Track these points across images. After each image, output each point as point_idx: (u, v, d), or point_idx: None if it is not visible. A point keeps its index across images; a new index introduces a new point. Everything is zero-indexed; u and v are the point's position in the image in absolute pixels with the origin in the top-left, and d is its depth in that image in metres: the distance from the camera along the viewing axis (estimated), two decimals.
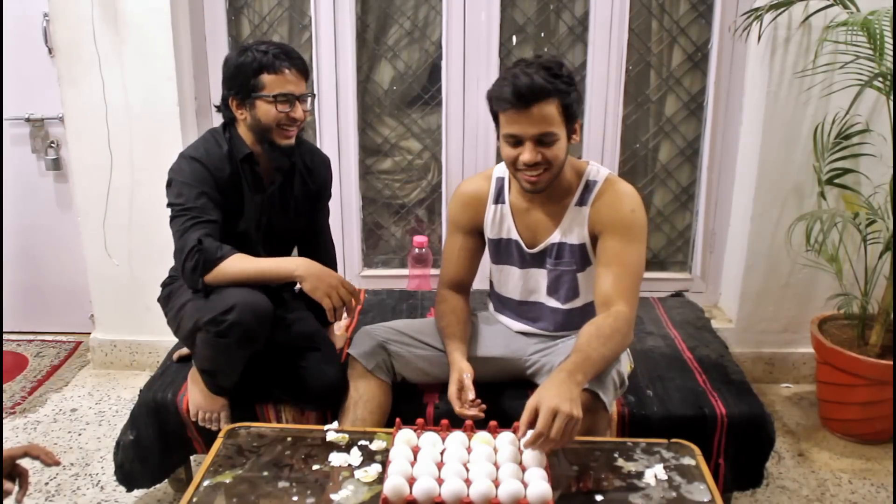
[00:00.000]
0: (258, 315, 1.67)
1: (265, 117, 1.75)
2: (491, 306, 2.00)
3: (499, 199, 1.81)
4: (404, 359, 1.82)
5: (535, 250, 1.78)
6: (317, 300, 1.66)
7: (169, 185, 1.77)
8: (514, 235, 1.80)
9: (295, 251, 2.07)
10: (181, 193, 1.74)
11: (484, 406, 1.63)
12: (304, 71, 1.78)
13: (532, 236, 1.78)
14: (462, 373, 1.67)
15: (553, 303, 1.81)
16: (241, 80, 1.74)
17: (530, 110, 1.55)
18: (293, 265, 1.70)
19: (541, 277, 1.80)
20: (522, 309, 1.87)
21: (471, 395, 1.64)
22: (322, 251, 2.06)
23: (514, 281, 1.85)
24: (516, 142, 1.60)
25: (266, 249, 1.89)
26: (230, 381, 1.82)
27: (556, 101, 1.56)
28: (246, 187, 1.83)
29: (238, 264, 1.70)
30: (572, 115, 1.61)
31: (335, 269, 2.08)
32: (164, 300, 1.92)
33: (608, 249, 1.67)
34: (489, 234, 1.84)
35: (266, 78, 1.72)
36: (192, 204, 1.72)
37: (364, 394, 1.76)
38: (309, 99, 1.81)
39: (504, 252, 1.84)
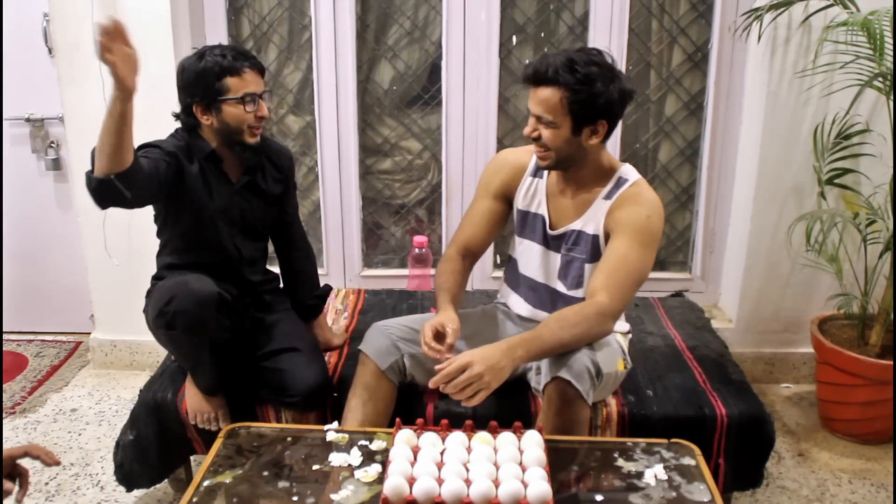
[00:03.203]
0: (199, 301, 1.68)
1: (234, 120, 1.77)
2: (502, 290, 2.00)
3: (537, 173, 1.84)
4: (417, 360, 1.80)
5: (556, 232, 1.80)
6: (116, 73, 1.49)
7: None
8: (543, 211, 1.82)
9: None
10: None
11: (450, 356, 1.58)
12: (261, 70, 1.80)
13: (557, 218, 1.81)
14: (449, 322, 1.67)
15: (561, 287, 1.82)
16: (203, 86, 1.74)
17: (537, 90, 1.63)
18: (112, 89, 1.52)
19: (554, 260, 1.82)
20: (534, 290, 1.88)
21: (450, 340, 1.63)
22: (296, 238, 2.08)
23: (532, 256, 1.86)
24: (530, 116, 1.68)
25: (241, 243, 1.92)
26: (207, 377, 1.83)
27: (562, 92, 1.60)
28: (213, 182, 1.84)
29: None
30: (582, 112, 1.62)
31: (312, 255, 2.13)
32: (145, 309, 1.91)
33: (614, 248, 1.69)
34: (520, 204, 1.86)
35: (229, 81, 1.73)
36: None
37: (374, 393, 1.75)
38: (267, 95, 1.83)
39: (529, 226, 1.85)
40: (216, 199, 1.85)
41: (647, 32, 2.61)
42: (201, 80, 1.74)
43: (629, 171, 1.77)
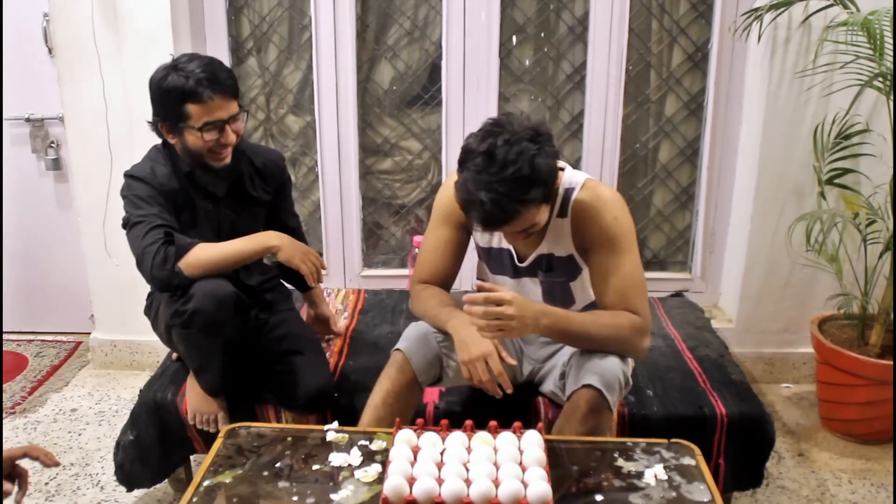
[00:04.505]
0: (218, 301, 1.67)
1: (194, 146, 1.71)
2: None
3: None
4: (458, 376, 1.70)
5: (526, 263, 1.74)
6: (294, 267, 1.72)
7: (124, 201, 1.76)
8: (506, 245, 1.75)
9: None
10: (137, 206, 1.71)
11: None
12: (232, 92, 1.70)
13: (522, 248, 1.74)
14: (497, 349, 1.62)
15: None
16: (167, 108, 1.69)
17: (505, 227, 1.54)
18: (266, 237, 1.74)
19: (534, 286, 1.77)
20: None
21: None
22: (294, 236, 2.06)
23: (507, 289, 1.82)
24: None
25: None
26: (215, 377, 1.82)
27: (523, 208, 1.49)
28: (198, 199, 1.82)
29: (212, 247, 1.69)
30: (546, 194, 1.52)
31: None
32: (148, 310, 1.93)
33: (602, 265, 1.64)
34: (480, 241, 1.79)
35: (191, 107, 1.65)
36: (147, 211, 1.70)
37: (409, 402, 1.70)
38: (242, 115, 1.75)
39: (496, 261, 1.80)
40: (203, 216, 1.83)
41: (647, 32, 2.61)
42: (165, 102, 1.69)
43: (572, 177, 1.67)
